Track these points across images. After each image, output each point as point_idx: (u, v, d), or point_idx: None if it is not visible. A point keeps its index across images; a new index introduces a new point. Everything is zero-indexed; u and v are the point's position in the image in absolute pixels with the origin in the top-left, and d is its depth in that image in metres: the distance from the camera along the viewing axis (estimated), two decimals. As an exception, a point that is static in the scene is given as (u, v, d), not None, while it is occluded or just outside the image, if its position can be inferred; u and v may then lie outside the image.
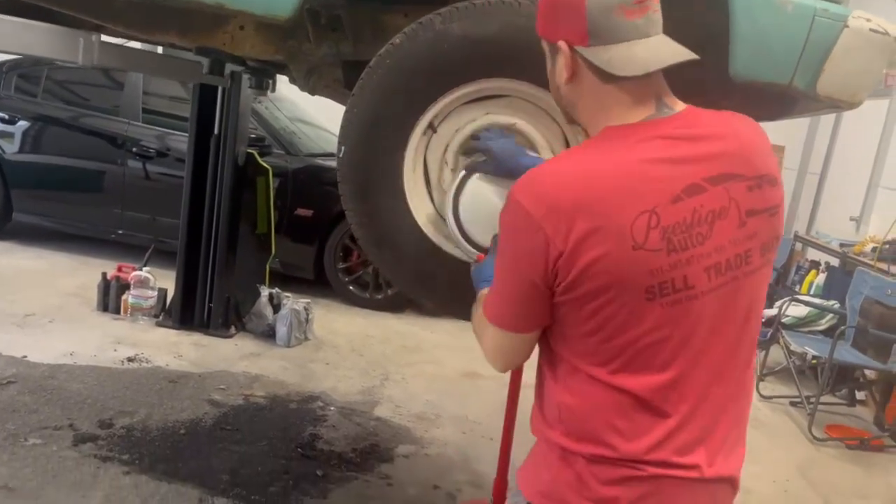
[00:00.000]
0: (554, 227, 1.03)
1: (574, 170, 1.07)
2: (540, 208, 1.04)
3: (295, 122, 6.02)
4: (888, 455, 4.21)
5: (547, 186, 1.06)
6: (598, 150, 1.09)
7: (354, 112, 1.70)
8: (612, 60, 1.08)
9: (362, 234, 1.79)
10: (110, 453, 2.87)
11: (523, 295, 1.11)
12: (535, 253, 1.05)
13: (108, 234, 5.65)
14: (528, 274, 1.08)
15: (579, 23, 1.09)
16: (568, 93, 1.17)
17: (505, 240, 1.12)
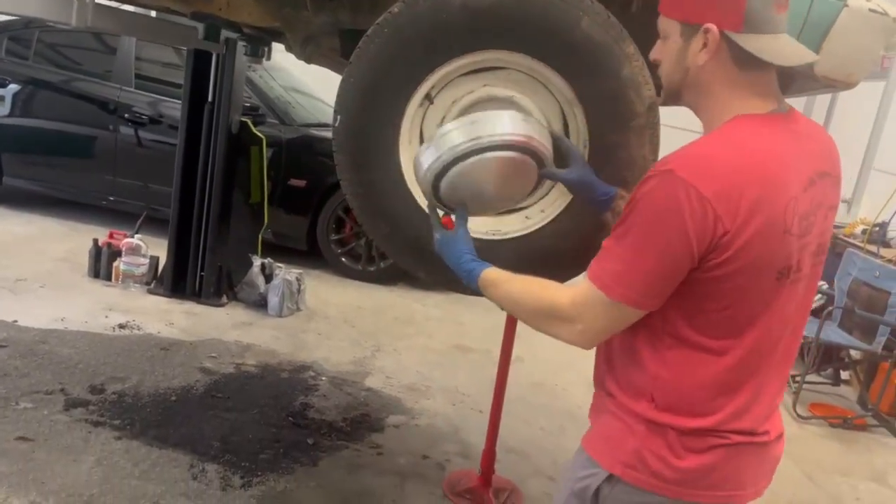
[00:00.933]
0: (725, 206, 1.08)
1: (737, 154, 1.12)
2: (712, 187, 1.08)
3: (290, 92, 5.98)
4: (870, 434, 4.28)
5: (719, 168, 1.10)
6: (748, 136, 1.15)
7: (351, 81, 1.69)
8: (763, 49, 1.16)
9: (357, 205, 1.79)
10: (101, 418, 2.89)
11: (664, 272, 1.13)
12: (699, 231, 1.08)
13: (100, 200, 5.62)
14: (679, 251, 1.10)
15: (737, 9, 1.15)
16: (699, 74, 1.20)
17: (654, 217, 1.11)
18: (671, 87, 1.27)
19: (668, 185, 1.10)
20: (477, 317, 4.93)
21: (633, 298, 1.15)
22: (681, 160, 1.11)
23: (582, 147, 1.71)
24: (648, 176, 1.14)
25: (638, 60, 1.62)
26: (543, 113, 1.73)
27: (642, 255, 1.13)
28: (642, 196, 1.13)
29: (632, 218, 1.14)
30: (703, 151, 1.13)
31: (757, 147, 1.14)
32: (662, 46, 1.27)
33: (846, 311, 4.66)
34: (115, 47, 5.56)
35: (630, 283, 1.15)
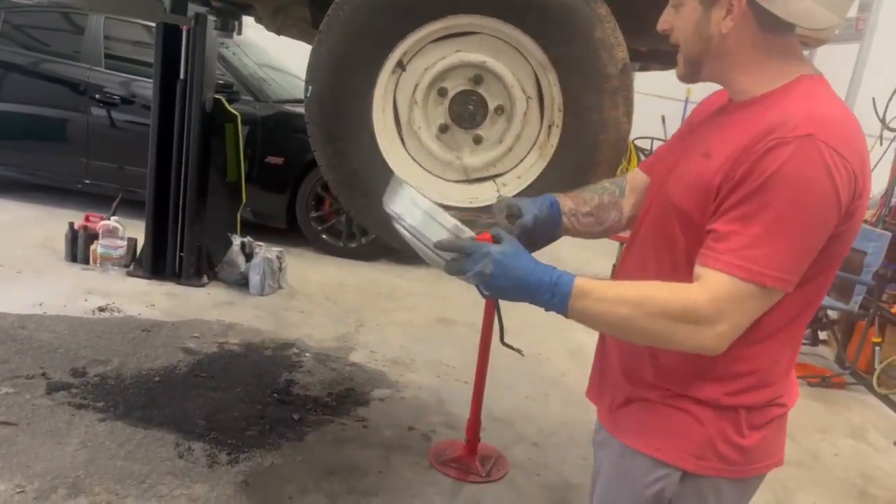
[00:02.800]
0: (860, 167, 1.06)
1: (847, 113, 1.11)
2: (849, 148, 1.04)
3: (263, 68, 5.90)
4: (848, 392, 4.37)
5: (848, 128, 1.07)
6: (833, 96, 1.13)
7: (321, 50, 1.67)
8: (792, 13, 1.11)
9: (332, 177, 1.78)
10: (84, 401, 2.87)
11: (816, 244, 1.07)
12: (846, 196, 1.05)
13: (74, 183, 5.54)
14: (831, 220, 1.05)
15: None
16: (723, 43, 1.15)
17: (803, 187, 1.02)
18: (692, 59, 1.20)
19: (811, 151, 1.02)
20: (460, 290, 4.94)
21: (789, 280, 1.06)
22: (813, 123, 1.04)
23: (557, 111, 1.71)
24: (776, 143, 1.03)
25: (610, 22, 1.61)
26: (517, 77, 1.72)
27: (794, 230, 1.04)
28: (782, 166, 1.02)
29: (769, 192, 1.03)
30: (826, 112, 1.08)
31: (846, 107, 1.13)
32: (675, 15, 1.20)
33: (823, 273, 4.71)
34: (83, 27, 5.44)
35: (786, 265, 1.05)
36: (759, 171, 1.03)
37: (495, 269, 1.11)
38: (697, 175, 1.14)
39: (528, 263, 1.12)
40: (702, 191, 1.12)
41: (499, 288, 1.13)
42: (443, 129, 1.76)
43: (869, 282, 4.34)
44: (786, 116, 1.05)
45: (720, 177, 1.09)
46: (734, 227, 1.05)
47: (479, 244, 1.14)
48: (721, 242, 1.06)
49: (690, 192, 1.15)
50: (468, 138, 1.77)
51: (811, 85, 1.13)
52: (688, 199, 1.16)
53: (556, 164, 1.74)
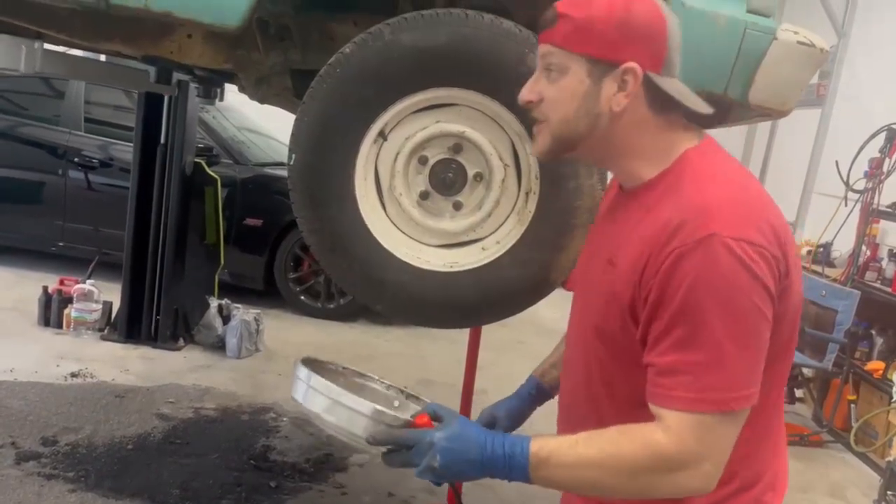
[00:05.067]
0: (775, 244, 0.97)
1: (742, 187, 1.02)
2: (759, 230, 0.96)
3: (243, 132, 5.97)
4: (827, 450, 4.38)
5: (751, 207, 0.99)
6: (726, 166, 1.06)
7: (305, 120, 1.71)
8: (682, 93, 1.05)
9: (314, 241, 1.80)
10: (54, 471, 2.79)
11: (764, 343, 0.97)
12: (774, 284, 0.96)
13: (49, 246, 5.49)
14: (766, 312, 0.96)
15: (659, 48, 1.03)
16: (613, 122, 1.05)
17: (728, 294, 0.93)
18: (569, 138, 1.07)
19: (718, 252, 0.93)
20: (439, 350, 4.92)
21: (753, 392, 0.96)
22: (710, 218, 0.95)
23: (534, 178, 1.76)
24: (680, 255, 0.94)
25: (583, 94, 1.68)
26: (494, 146, 1.77)
27: (736, 341, 0.94)
28: (695, 279, 0.93)
29: (694, 311, 0.93)
30: (719, 197, 0.98)
31: (741, 173, 1.06)
32: (547, 84, 1.06)
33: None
34: (63, 91, 5.49)
35: (743, 379, 0.95)
36: (674, 290, 0.95)
37: (443, 458, 1.00)
38: (608, 290, 1.06)
39: (477, 440, 1.02)
40: (616, 308, 1.04)
41: (452, 475, 1.03)
42: (423, 196, 1.80)
43: (841, 340, 4.41)
44: (681, 216, 0.97)
45: (629, 292, 1.01)
46: (675, 358, 0.96)
47: (417, 433, 1.03)
48: (667, 377, 0.96)
49: (606, 309, 1.07)
50: (448, 204, 1.81)
51: (698, 161, 1.05)
52: (605, 318, 1.07)
53: (534, 229, 1.78)
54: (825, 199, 5.85)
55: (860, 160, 4.79)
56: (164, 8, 1.68)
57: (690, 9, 1.61)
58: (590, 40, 1.02)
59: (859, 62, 6.33)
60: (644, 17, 1.03)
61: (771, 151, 7.87)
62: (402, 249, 1.79)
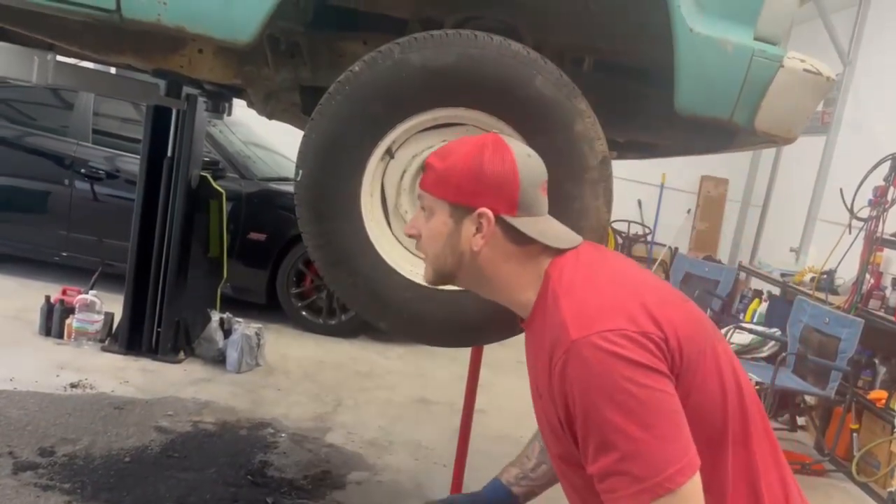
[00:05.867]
0: (655, 323, 1.01)
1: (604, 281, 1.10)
2: (635, 316, 1.01)
3: (249, 146, 6.00)
4: (828, 480, 4.35)
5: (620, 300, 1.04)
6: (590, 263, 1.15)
7: (313, 137, 1.72)
8: (542, 232, 1.17)
9: (319, 257, 1.80)
10: (51, 482, 2.78)
11: (675, 417, 0.99)
12: (651, 361, 0.99)
13: (52, 256, 5.50)
14: (663, 383, 0.99)
15: (511, 194, 1.15)
16: (476, 258, 1.16)
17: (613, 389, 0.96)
18: (443, 271, 1.20)
19: (584, 353, 0.98)
20: (439, 369, 4.91)
21: (691, 461, 0.98)
22: (570, 325, 1.01)
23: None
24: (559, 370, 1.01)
25: (590, 116, 1.69)
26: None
27: (642, 425, 0.96)
28: (579, 387, 0.98)
29: (593, 414, 0.97)
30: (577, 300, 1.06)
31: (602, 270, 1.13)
32: (425, 223, 1.21)
33: (799, 358, 4.77)
34: (72, 103, 5.53)
35: (670, 457, 0.96)
36: (571, 405, 1.00)
37: None
38: (548, 421, 1.12)
39: None
40: (562, 436, 1.09)
41: None
42: (429, 214, 1.80)
43: (844, 368, 4.39)
44: (552, 336, 1.04)
45: (557, 418, 1.07)
46: (601, 463, 0.98)
47: None
48: (605, 482, 0.99)
49: (556, 438, 1.12)
50: (453, 223, 1.81)
51: (556, 277, 1.13)
52: (559, 445, 1.13)
53: (539, 249, 1.78)
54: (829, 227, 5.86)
55: (864, 188, 4.80)
56: (176, 23, 1.69)
57: (697, 35, 1.62)
58: (448, 188, 1.16)
59: (864, 90, 6.36)
60: (495, 168, 1.15)
61: (775, 178, 7.89)
62: (406, 267, 1.79)
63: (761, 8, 1.65)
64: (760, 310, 6.18)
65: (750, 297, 6.69)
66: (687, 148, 2.28)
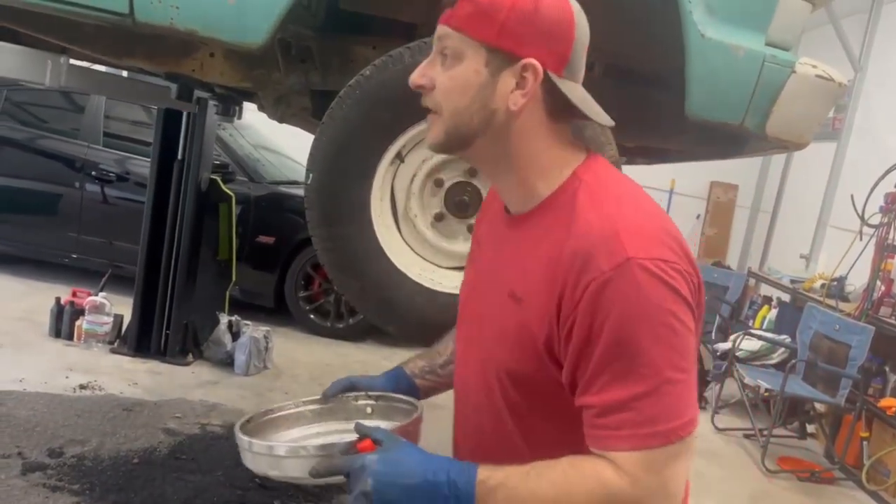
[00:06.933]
0: (690, 263, 0.92)
1: (642, 206, 0.96)
2: (677, 250, 0.90)
3: (258, 150, 6.02)
4: (838, 487, 4.31)
5: (662, 228, 0.92)
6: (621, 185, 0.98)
7: (323, 140, 1.73)
8: (584, 101, 0.98)
9: (328, 260, 1.81)
10: (60, 482, 2.79)
11: (695, 357, 0.92)
12: (689, 297, 0.90)
13: (62, 258, 5.53)
14: (691, 326, 0.90)
15: (564, 48, 0.95)
16: (509, 121, 0.96)
17: (653, 319, 0.86)
18: (463, 132, 0.97)
19: (637, 276, 0.86)
20: (446, 373, 4.90)
21: (696, 418, 0.90)
22: (620, 241, 0.88)
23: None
24: (599, 287, 0.87)
25: (600, 122, 1.69)
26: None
27: (672, 365, 0.87)
28: (622, 311, 0.86)
29: (627, 343, 0.86)
30: (622, 216, 0.91)
31: (634, 190, 0.98)
32: (440, 71, 0.97)
33: (809, 365, 4.74)
34: (83, 106, 5.57)
35: (687, 403, 0.88)
36: (601, 324, 0.87)
37: (375, 483, 0.89)
38: (517, 328, 0.96)
39: (416, 464, 0.91)
40: (530, 349, 0.95)
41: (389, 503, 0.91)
42: (438, 218, 1.81)
43: (854, 375, 4.36)
44: (589, 244, 0.89)
45: (545, 331, 0.92)
46: (614, 395, 0.87)
47: (351, 458, 0.93)
48: (609, 416, 0.88)
49: (518, 351, 0.97)
50: (463, 227, 1.82)
51: (591, 181, 0.96)
52: (518, 360, 0.98)
53: (548, 254, 1.78)
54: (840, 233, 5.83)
55: (875, 194, 4.77)
56: (188, 26, 1.70)
57: (709, 40, 1.62)
58: (490, 27, 0.93)
59: (875, 96, 6.33)
60: (552, 13, 0.94)
61: (785, 184, 7.86)
62: (415, 270, 1.80)
63: (773, 14, 1.64)
64: (770, 316, 6.14)
65: (759, 303, 6.65)
66: (697, 153, 2.28)
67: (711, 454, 4.40)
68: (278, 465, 1.04)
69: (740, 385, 5.01)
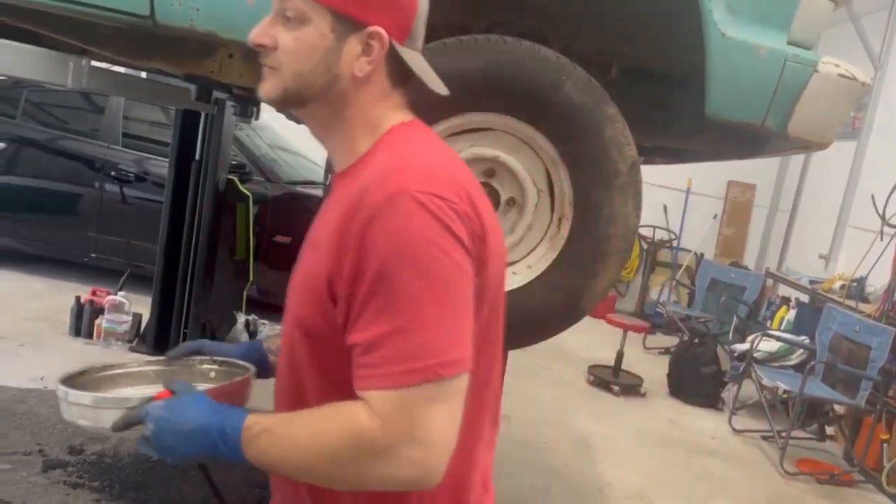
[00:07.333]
0: (468, 205, 0.89)
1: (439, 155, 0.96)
2: (450, 189, 0.88)
3: (275, 150, 6.05)
4: (858, 490, 4.27)
5: (447, 170, 0.92)
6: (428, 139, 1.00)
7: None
8: (427, 72, 1.00)
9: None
10: (80, 480, 2.82)
11: (470, 303, 0.89)
12: (464, 238, 0.87)
13: (81, 257, 5.59)
14: (467, 269, 0.88)
15: (407, 17, 0.97)
16: (351, 86, 0.97)
17: (423, 250, 0.84)
18: (302, 93, 0.96)
19: (408, 206, 0.84)
20: (462, 373, 4.89)
21: (465, 358, 0.86)
22: (399, 175, 0.87)
23: (567, 204, 1.76)
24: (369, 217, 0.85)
25: (619, 122, 1.68)
26: (528, 171, 1.77)
27: (439, 300, 0.84)
28: (387, 239, 0.84)
29: (392, 276, 0.83)
30: (412, 157, 0.92)
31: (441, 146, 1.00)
32: (284, 31, 0.96)
33: (828, 366, 4.69)
34: (103, 107, 5.62)
35: (453, 342, 0.85)
36: (368, 257, 0.84)
37: (155, 428, 0.92)
38: (310, 273, 0.95)
39: (194, 411, 0.92)
40: (314, 291, 0.92)
41: (166, 448, 0.92)
42: (456, 219, 1.81)
43: (874, 377, 4.31)
44: (370, 181, 0.88)
45: (326, 270, 0.90)
46: (375, 331, 0.84)
47: (144, 408, 0.95)
48: (369, 354, 0.85)
49: (306, 296, 0.96)
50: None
51: (401, 133, 0.98)
52: (303, 305, 0.96)
53: (566, 255, 1.78)
54: (860, 233, 5.77)
55: (896, 194, 4.72)
56: (208, 28, 1.71)
57: (730, 39, 1.61)
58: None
59: (896, 95, 6.26)
60: None
61: (804, 182, 7.78)
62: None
63: (795, 12, 1.63)
64: (788, 317, 6.08)
65: (777, 304, 6.59)
66: (717, 153, 2.26)
67: (729, 456, 4.37)
68: (87, 415, 1.05)
69: (758, 386, 4.97)
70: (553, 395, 4.92)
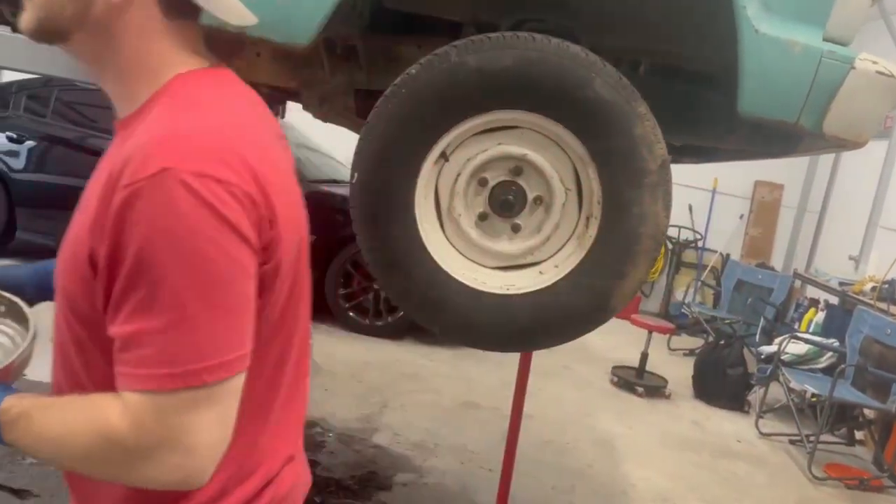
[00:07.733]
0: (259, 188, 0.81)
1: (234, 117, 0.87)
2: (240, 171, 0.80)
3: (300, 149, 6.08)
4: (887, 496, 4.19)
5: (232, 142, 0.82)
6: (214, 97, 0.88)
7: (368, 139, 1.73)
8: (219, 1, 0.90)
9: (372, 259, 1.81)
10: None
11: (247, 300, 0.82)
12: (242, 226, 0.79)
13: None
14: (244, 262, 0.80)
15: None
16: (110, 13, 0.85)
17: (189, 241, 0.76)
18: (54, 24, 0.86)
19: (172, 191, 0.75)
20: (485, 373, 4.89)
21: (235, 362, 0.80)
22: (167, 150, 0.77)
23: (595, 203, 1.74)
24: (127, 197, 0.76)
25: (650, 120, 1.66)
26: (556, 169, 1.76)
27: (207, 299, 0.77)
28: (146, 227, 0.75)
29: (151, 267, 0.75)
30: (189, 125, 0.81)
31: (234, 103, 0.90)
32: None
33: (858, 369, 4.61)
34: (131, 105, 5.69)
35: (221, 346, 0.79)
36: (127, 242, 0.76)
37: None
38: (74, 239, 0.87)
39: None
40: (78, 261, 0.83)
41: None
42: (482, 217, 1.80)
43: (906, 381, 4.23)
44: (133, 150, 0.78)
45: (88, 241, 0.81)
46: (135, 327, 0.77)
47: None
48: (129, 351, 0.78)
49: (71, 263, 0.86)
50: (506, 226, 1.80)
51: (182, 85, 0.87)
52: (68, 274, 0.87)
53: (595, 254, 1.75)
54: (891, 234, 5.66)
55: (930, 195, 4.62)
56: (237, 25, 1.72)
57: (764, 35, 1.58)
58: None
59: (930, 94, 6.13)
60: None
61: (834, 182, 7.66)
62: (459, 270, 1.79)
63: (832, 8, 1.59)
64: (817, 319, 5.98)
65: (805, 306, 6.48)
66: (748, 152, 2.23)
67: (756, 459, 4.31)
68: None
69: (786, 389, 4.90)
70: (576, 395, 4.90)
